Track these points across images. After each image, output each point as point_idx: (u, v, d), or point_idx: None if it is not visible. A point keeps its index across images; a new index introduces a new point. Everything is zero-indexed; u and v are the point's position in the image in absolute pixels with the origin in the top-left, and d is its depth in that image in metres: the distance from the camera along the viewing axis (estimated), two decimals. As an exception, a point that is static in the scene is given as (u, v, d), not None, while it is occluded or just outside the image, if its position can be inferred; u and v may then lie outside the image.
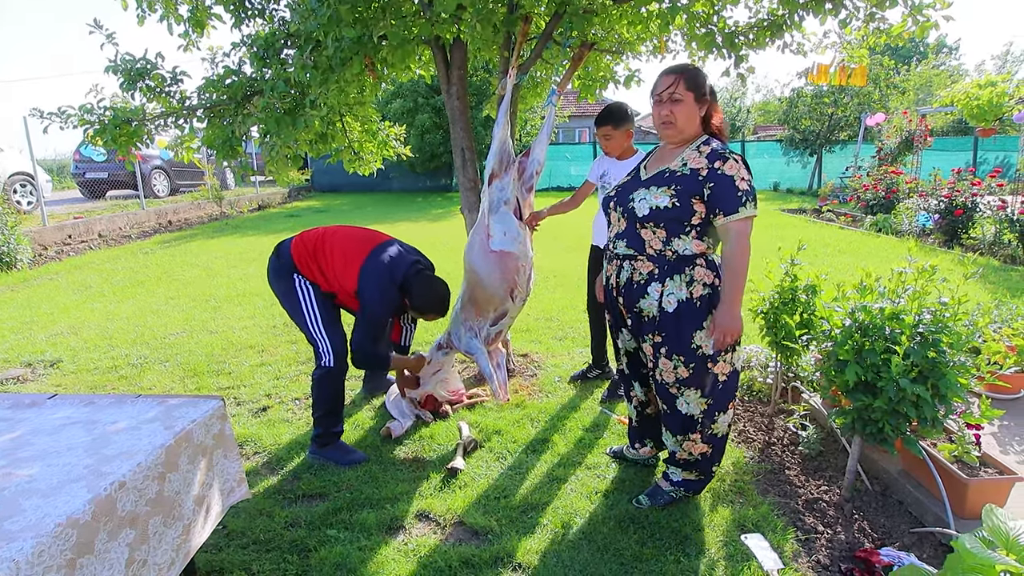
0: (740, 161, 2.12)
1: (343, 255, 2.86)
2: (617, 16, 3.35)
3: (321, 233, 2.95)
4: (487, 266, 2.89)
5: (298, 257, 2.89)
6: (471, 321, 3.05)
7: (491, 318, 3.05)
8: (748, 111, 30.52)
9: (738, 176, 2.08)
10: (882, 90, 16.05)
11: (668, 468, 2.50)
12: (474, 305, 3.02)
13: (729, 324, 2.11)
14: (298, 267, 2.87)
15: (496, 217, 2.92)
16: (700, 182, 2.11)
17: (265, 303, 5.73)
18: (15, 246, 7.56)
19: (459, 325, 3.09)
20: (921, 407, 2.13)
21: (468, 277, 2.99)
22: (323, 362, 2.83)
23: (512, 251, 2.89)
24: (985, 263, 6.88)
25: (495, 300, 2.96)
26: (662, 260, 2.20)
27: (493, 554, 2.19)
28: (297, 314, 2.87)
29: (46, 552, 1.20)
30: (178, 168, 14.01)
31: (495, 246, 2.87)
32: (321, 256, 2.87)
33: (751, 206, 2.08)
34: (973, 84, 10.20)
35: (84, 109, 3.25)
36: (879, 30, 3.11)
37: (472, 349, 3.03)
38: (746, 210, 2.07)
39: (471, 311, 3.04)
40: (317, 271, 2.86)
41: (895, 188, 10.29)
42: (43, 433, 1.68)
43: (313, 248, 2.90)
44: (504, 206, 2.93)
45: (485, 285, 2.92)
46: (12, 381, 4.01)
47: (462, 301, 3.06)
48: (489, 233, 2.89)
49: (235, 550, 2.24)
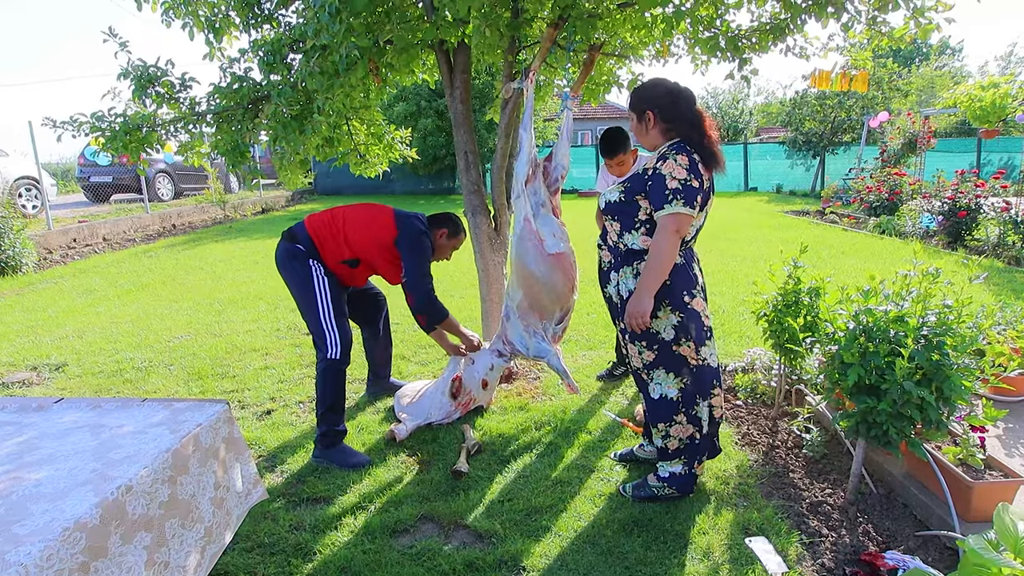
0: (680, 162, 2.21)
1: (367, 214, 3.01)
2: (621, 20, 3.36)
3: (330, 210, 3.06)
4: (548, 270, 2.95)
5: (316, 233, 2.94)
6: (535, 326, 3.09)
7: (557, 317, 3.13)
8: (751, 113, 30.50)
9: (670, 175, 2.20)
10: (885, 92, 16.04)
11: (658, 464, 2.56)
12: (539, 310, 3.06)
13: (634, 309, 2.23)
14: (318, 248, 2.92)
15: (540, 221, 2.97)
16: (644, 180, 2.28)
17: (269, 306, 5.75)
18: (20, 250, 7.60)
19: (521, 333, 3.10)
20: (925, 410, 2.13)
21: (527, 285, 3.01)
22: (329, 354, 2.85)
23: (564, 251, 2.98)
24: (989, 265, 6.87)
25: (562, 299, 3.06)
26: (616, 251, 2.41)
27: (497, 557, 2.19)
28: (309, 303, 2.90)
29: (55, 556, 1.21)
30: (182, 172, 14.07)
31: (551, 249, 2.95)
32: (347, 223, 2.96)
33: (678, 204, 2.18)
34: (976, 86, 10.19)
35: (96, 116, 3.27)
36: (881, 33, 3.11)
37: (542, 352, 3.07)
38: (671, 207, 2.18)
39: (533, 316, 3.07)
40: (343, 241, 2.94)
41: (898, 190, 10.27)
42: (50, 437, 1.70)
43: (331, 219, 2.98)
44: (543, 209, 2.99)
45: (550, 288, 2.99)
46: (18, 385, 4.03)
47: (520, 309, 3.07)
48: (541, 238, 2.94)
49: (239, 553, 2.25)
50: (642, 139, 2.45)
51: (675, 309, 2.32)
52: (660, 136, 2.35)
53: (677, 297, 2.32)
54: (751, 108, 31.25)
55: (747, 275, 6.42)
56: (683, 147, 2.26)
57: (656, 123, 2.33)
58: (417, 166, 16.50)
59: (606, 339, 4.56)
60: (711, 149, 2.28)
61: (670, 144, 2.31)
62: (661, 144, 2.36)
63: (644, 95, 2.36)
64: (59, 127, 3.24)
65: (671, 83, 2.36)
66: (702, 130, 2.29)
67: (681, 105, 2.31)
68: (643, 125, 2.37)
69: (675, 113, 2.30)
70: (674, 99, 2.32)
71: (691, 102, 2.34)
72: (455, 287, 6.31)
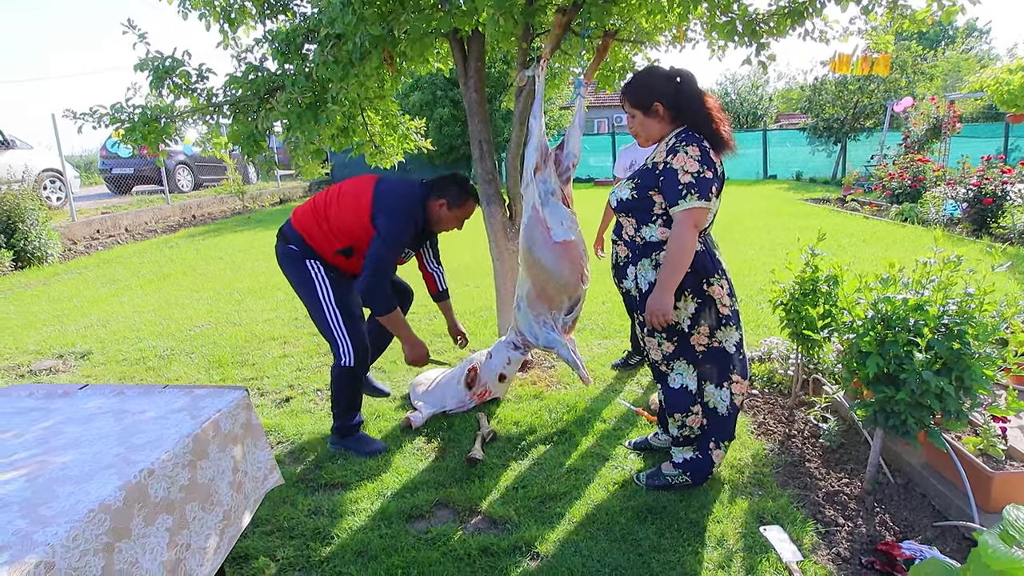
0: (692, 154, 2.16)
1: (352, 192, 2.69)
2: (636, 5, 3.32)
3: (319, 196, 2.80)
4: (555, 259, 2.91)
5: (303, 227, 2.70)
6: (544, 316, 3.05)
7: (566, 307, 3.09)
8: (770, 99, 29.99)
9: (682, 169, 2.16)
10: (909, 76, 15.68)
11: (672, 451, 2.56)
12: (546, 300, 3.02)
13: (655, 306, 2.21)
14: (309, 244, 2.69)
15: (549, 210, 2.94)
16: (656, 175, 2.24)
17: (287, 296, 5.81)
18: (46, 241, 7.76)
19: (531, 323, 3.06)
20: (945, 399, 2.10)
21: (534, 274, 2.98)
22: (342, 361, 2.71)
23: (572, 239, 2.93)
24: (1015, 253, 6.72)
25: (569, 288, 3.01)
26: (633, 245, 2.37)
27: (512, 543, 2.22)
28: (315, 308, 2.73)
29: (80, 536, 1.25)
30: (201, 163, 14.23)
31: (557, 238, 2.91)
32: (328, 208, 2.68)
33: (692, 198, 2.14)
34: (1004, 69, 9.92)
35: (115, 108, 3.32)
36: (903, 16, 3.04)
37: (551, 343, 3.03)
38: (686, 202, 2.15)
39: (542, 306, 3.03)
40: (328, 231, 2.67)
41: (922, 176, 10.06)
42: (75, 422, 1.74)
43: (313, 207, 2.72)
44: (552, 197, 2.96)
45: (557, 277, 2.95)
46: (45, 372, 4.13)
47: (529, 299, 3.04)
48: (548, 226, 2.91)
49: (259, 537, 2.30)
50: (647, 135, 2.37)
51: (695, 297, 2.31)
52: (667, 126, 2.31)
53: (697, 285, 2.30)
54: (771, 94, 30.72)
55: (765, 264, 6.35)
56: (691, 136, 2.21)
57: (665, 114, 2.29)
58: (433, 156, 16.41)
59: (621, 328, 4.55)
60: (720, 134, 2.24)
61: (676, 133, 2.26)
62: (666, 133, 2.31)
63: (647, 87, 2.30)
64: (79, 119, 3.29)
65: (667, 69, 2.31)
66: (708, 114, 2.24)
67: (686, 89, 2.26)
68: (652, 119, 2.30)
69: (681, 100, 2.25)
70: (677, 85, 2.27)
71: (693, 84, 2.28)
72: (471, 277, 6.33)
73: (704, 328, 2.36)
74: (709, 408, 2.45)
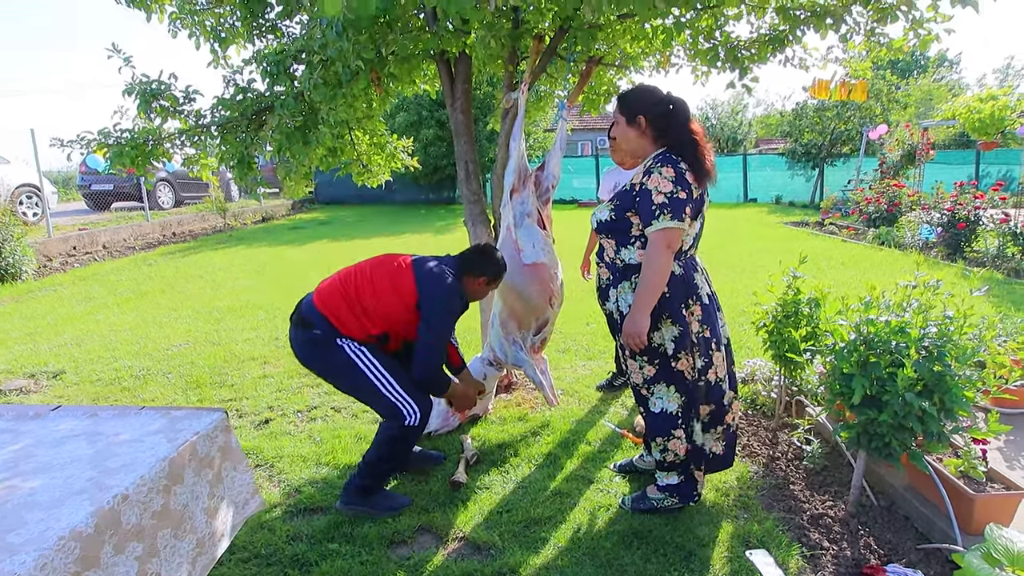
0: (666, 174, 2.17)
1: (387, 276, 2.51)
2: (621, 31, 3.38)
3: (343, 275, 2.57)
4: (524, 280, 2.94)
5: (331, 310, 2.47)
6: (514, 335, 3.08)
7: (534, 328, 3.11)
8: (750, 124, 30.63)
9: (656, 190, 2.17)
10: (884, 104, 16.10)
11: (657, 475, 2.54)
12: (516, 319, 3.06)
13: (630, 328, 2.21)
14: (337, 326, 2.45)
15: (522, 231, 2.97)
16: (633, 196, 2.25)
17: (268, 315, 5.74)
18: (20, 257, 7.60)
19: (502, 340, 3.09)
20: (927, 421, 2.12)
21: (504, 294, 3.01)
22: (407, 421, 2.46)
23: (544, 261, 2.96)
24: (989, 276, 6.87)
25: (536, 310, 3.04)
26: (614, 267, 2.38)
27: (496, 569, 2.17)
28: (362, 384, 2.46)
29: (49, 565, 1.20)
30: (183, 180, 14.10)
31: (527, 259, 2.93)
32: (361, 293, 2.48)
33: (665, 219, 2.15)
34: (975, 98, 10.23)
35: (102, 133, 3.29)
36: (879, 44, 3.13)
37: (519, 361, 3.06)
38: (659, 223, 2.15)
39: (512, 326, 3.06)
40: (361, 314, 2.46)
41: (898, 201, 10.28)
42: (46, 445, 1.68)
43: (343, 290, 2.50)
44: (527, 219, 2.99)
45: (525, 298, 2.97)
46: (15, 392, 4.01)
47: (500, 318, 3.07)
48: (519, 247, 2.93)
49: (236, 564, 2.23)
50: (625, 146, 2.39)
51: (675, 321, 2.29)
52: (649, 145, 2.33)
53: (676, 309, 2.29)
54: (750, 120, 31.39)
55: (747, 286, 6.41)
56: (668, 157, 2.22)
57: (647, 130, 2.31)
58: (418, 176, 16.52)
59: (606, 349, 4.55)
60: (703, 163, 2.24)
61: (655, 155, 2.28)
62: (647, 153, 2.33)
63: (638, 100, 2.34)
64: (67, 146, 3.25)
65: (665, 93, 2.33)
66: (694, 141, 2.25)
67: (677, 117, 2.28)
68: (633, 129, 2.32)
69: (668, 124, 2.28)
70: (668, 110, 2.29)
71: (686, 115, 2.30)
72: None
73: (691, 357, 2.33)
74: (691, 437, 2.42)
